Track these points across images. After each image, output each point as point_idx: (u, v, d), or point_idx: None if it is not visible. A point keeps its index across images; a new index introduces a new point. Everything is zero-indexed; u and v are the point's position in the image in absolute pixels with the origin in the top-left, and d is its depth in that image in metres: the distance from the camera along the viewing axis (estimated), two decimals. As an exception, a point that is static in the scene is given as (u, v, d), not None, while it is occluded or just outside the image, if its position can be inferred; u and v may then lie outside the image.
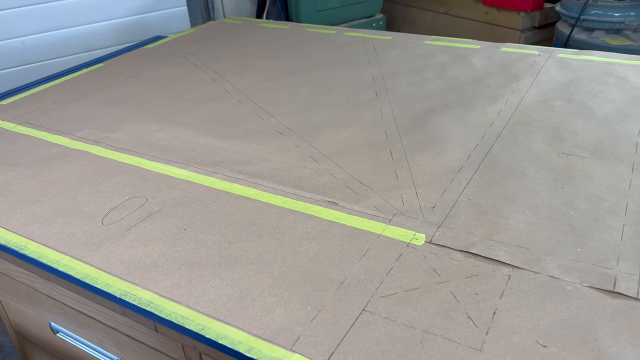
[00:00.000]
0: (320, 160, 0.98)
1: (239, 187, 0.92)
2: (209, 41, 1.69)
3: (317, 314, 0.64)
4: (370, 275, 0.70)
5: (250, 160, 1.00)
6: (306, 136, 1.08)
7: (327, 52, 1.53)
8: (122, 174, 0.97)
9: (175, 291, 0.70)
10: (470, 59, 1.41)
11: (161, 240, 0.79)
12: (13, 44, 2.11)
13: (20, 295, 1.14)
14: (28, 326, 1.23)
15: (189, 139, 1.09)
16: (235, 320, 0.65)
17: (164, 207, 0.87)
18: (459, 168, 0.93)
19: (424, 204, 0.84)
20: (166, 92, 1.32)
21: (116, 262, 0.75)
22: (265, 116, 1.17)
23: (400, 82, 1.30)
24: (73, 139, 1.11)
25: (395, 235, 0.77)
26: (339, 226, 0.80)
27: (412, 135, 1.05)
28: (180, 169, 0.98)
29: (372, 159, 0.98)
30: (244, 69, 1.44)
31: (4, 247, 0.82)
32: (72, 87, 1.39)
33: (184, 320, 0.65)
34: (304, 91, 1.28)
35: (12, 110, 1.27)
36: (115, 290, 0.71)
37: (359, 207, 0.84)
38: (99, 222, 0.84)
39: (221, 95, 1.29)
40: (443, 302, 0.65)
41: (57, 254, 0.78)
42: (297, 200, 0.87)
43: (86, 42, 2.26)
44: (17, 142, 1.11)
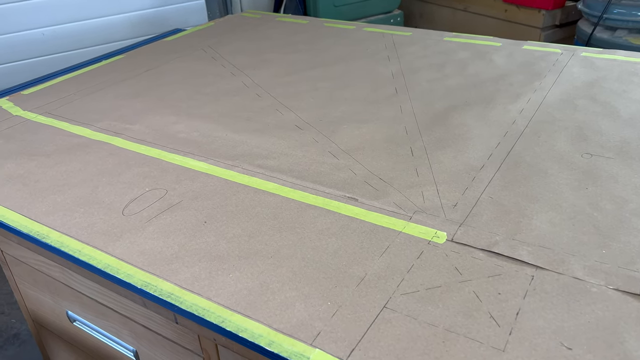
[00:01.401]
0: (340, 156, 0.98)
1: (258, 181, 0.92)
2: (228, 35, 1.69)
3: (337, 310, 0.64)
4: (390, 272, 0.69)
5: (269, 154, 1.00)
6: (325, 131, 1.07)
7: (346, 47, 1.52)
8: (142, 166, 0.97)
9: (195, 283, 0.70)
10: (491, 56, 1.40)
11: (181, 232, 0.80)
12: (33, 35, 2.13)
13: (38, 284, 1.16)
14: (45, 314, 1.24)
15: (208, 132, 1.09)
16: (255, 313, 0.64)
17: (183, 199, 0.87)
18: (481, 166, 0.92)
19: (445, 201, 0.83)
20: (185, 84, 1.33)
21: (137, 253, 0.76)
22: (284, 110, 1.17)
23: (420, 78, 1.29)
24: (93, 129, 1.12)
25: (416, 233, 0.76)
26: (358, 222, 0.80)
27: (433, 132, 1.04)
28: (199, 161, 0.98)
29: (392, 155, 0.97)
30: (262, 63, 1.44)
31: (26, 235, 0.82)
32: (92, 78, 1.39)
33: (204, 313, 0.65)
34: (322, 86, 1.28)
35: (34, 100, 1.28)
36: (136, 281, 0.71)
37: (379, 204, 0.83)
38: (119, 212, 0.85)
39: (240, 89, 1.29)
40: (465, 301, 0.65)
41: (79, 244, 0.78)
42: (316, 196, 0.87)
43: (104, 34, 2.27)
44: (39, 132, 1.12)
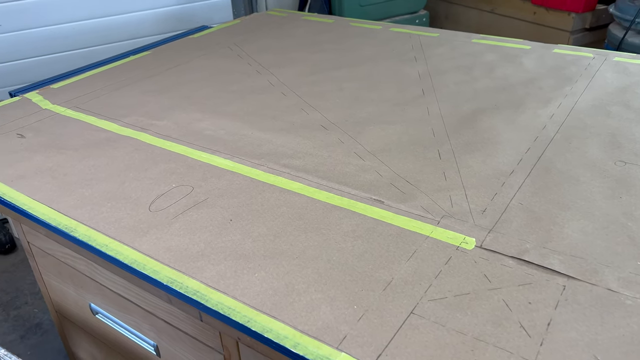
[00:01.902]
0: (366, 157, 0.97)
1: (283, 181, 0.91)
2: (254, 33, 1.70)
3: (363, 314, 0.63)
4: (418, 278, 0.68)
5: (295, 153, 0.99)
6: (351, 132, 1.06)
7: (373, 47, 1.51)
8: (169, 162, 0.98)
9: (221, 281, 0.70)
10: (520, 60, 1.37)
11: (207, 230, 0.80)
12: (62, 29, 2.16)
13: (62, 276, 1.17)
14: (68, 306, 1.26)
15: (234, 129, 1.09)
16: (280, 314, 0.64)
17: (209, 197, 0.87)
18: (510, 171, 0.90)
19: (474, 207, 0.82)
20: (211, 82, 1.33)
21: (163, 250, 0.76)
22: (310, 110, 1.16)
23: (447, 80, 1.27)
24: (121, 124, 1.13)
25: (443, 238, 0.75)
26: (385, 225, 0.79)
27: (461, 135, 1.02)
28: (225, 159, 0.98)
29: (419, 158, 0.96)
30: (288, 62, 1.44)
31: (54, 228, 0.83)
32: (119, 74, 1.41)
33: (229, 312, 0.65)
34: (348, 86, 1.27)
35: (62, 94, 1.30)
36: (162, 278, 0.71)
37: (405, 207, 0.82)
38: (146, 208, 0.85)
39: (265, 88, 1.29)
40: (494, 310, 0.63)
41: (106, 238, 0.79)
42: (341, 197, 0.86)
43: (130, 29, 2.29)
44: (67, 125, 1.14)
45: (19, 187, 0.93)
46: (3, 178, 0.96)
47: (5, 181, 0.95)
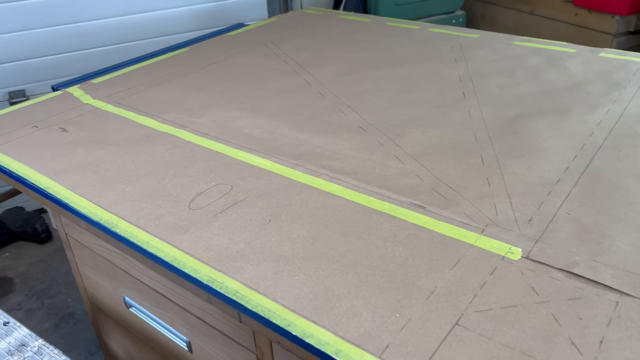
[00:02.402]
0: (406, 160, 0.95)
1: (321, 182, 0.90)
2: (290, 31, 1.69)
3: (406, 323, 0.62)
4: (462, 287, 0.67)
5: (333, 155, 0.98)
6: (390, 134, 1.05)
7: (411, 47, 1.49)
8: (208, 160, 0.98)
9: (261, 283, 0.69)
10: (565, 63, 1.33)
11: (246, 230, 0.79)
12: (98, 25, 2.19)
13: (98, 268, 1.19)
14: (103, 298, 1.27)
15: (271, 129, 1.09)
16: (321, 319, 0.63)
17: (248, 197, 0.87)
18: (557, 180, 0.87)
19: (519, 215, 0.79)
20: (248, 80, 1.33)
21: (203, 248, 0.76)
22: (347, 111, 1.15)
23: (489, 83, 1.24)
24: (160, 121, 1.14)
25: (488, 247, 0.73)
26: (426, 232, 0.77)
27: (504, 140, 1.00)
28: (263, 158, 0.98)
29: (461, 162, 0.93)
30: (325, 61, 1.43)
31: (96, 223, 0.84)
32: (158, 70, 1.42)
33: (269, 314, 0.64)
34: (387, 87, 1.25)
35: (103, 89, 1.31)
36: (202, 277, 0.71)
37: (448, 213, 0.80)
38: (185, 206, 0.85)
39: (302, 87, 1.28)
40: (543, 324, 0.61)
41: (147, 235, 0.79)
42: (381, 201, 0.84)
43: (166, 26, 2.31)
44: (108, 120, 1.15)
45: (61, 181, 0.94)
46: (46, 171, 0.97)
47: (48, 174, 0.96)
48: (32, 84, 2.15)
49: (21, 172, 0.98)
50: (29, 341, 1.04)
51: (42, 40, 2.09)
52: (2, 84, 2.08)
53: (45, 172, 0.97)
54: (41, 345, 1.03)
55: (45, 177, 0.96)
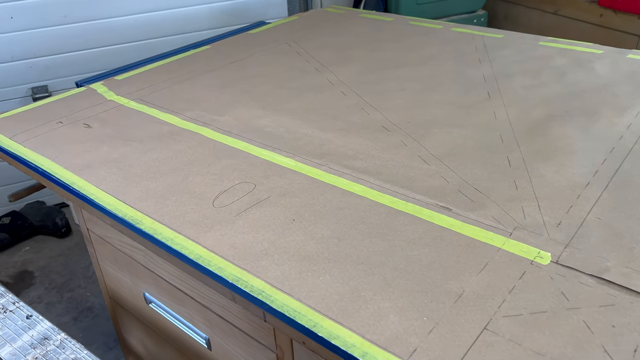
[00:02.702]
0: (430, 161, 0.94)
1: (345, 182, 0.90)
2: (311, 29, 1.68)
3: (434, 327, 0.61)
4: (491, 292, 0.65)
5: (356, 155, 0.97)
6: (414, 134, 1.04)
7: (434, 47, 1.47)
8: (231, 158, 0.98)
9: (286, 282, 0.69)
10: (592, 65, 1.30)
11: (270, 229, 0.79)
12: (120, 22, 2.21)
13: (119, 263, 1.20)
14: (123, 293, 1.28)
15: (294, 128, 1.08)
16: (347, 321, 0.62)
17: (272, 195, 0.87)
18: (586, 183, 0.85)
19: (548, 219, 0.78)
20: (271, 78, 1.33)
21: (227, 246, 0.76)
22: (370, 110, 1.14)
23: (514, 84, 1.22)
24: (183, 118, 1.14)
25: (516, 251, 0.72)
26: (453, 234, 0.76)
27: (531, 142, 0.98)
28: (286, 157, 0.98)
29: (487, 164, 0.92)
30: (347, 60, 1.42)
31: (120, 219, 0.84)
32: (180, 68, 1.42)
33: (295, 314, 0.64)
34: (410, 86, 1.24)
35: (126, 86, 1.32)
36: (227, 275, 0.71)
37: (475, 216, 0.79)
38: (209, 203, 0.85)
39: (325, 86, 1.27)
40: (574, 331, 0.60)
41: (171, 232, 0.79)
42: (406, 202, 0.83)
43: (185, 23, 2.32)
44: (132, 117, 1.16)
45: (86, 177, 0.95)
46: (71, 167, 0.98)
47: (73, 170, 0.97)
48: (54, 80, 2.17)
49: (46, 167, 0.99)
50: (52, 335, 1.05)
51: (63, 37, 2.11)
52: (25, 80, 2.11)
53: (70, 168, 0.98)
54: (63, 339, 1.04)
55: (70, 172, 0.96)
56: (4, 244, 2.14)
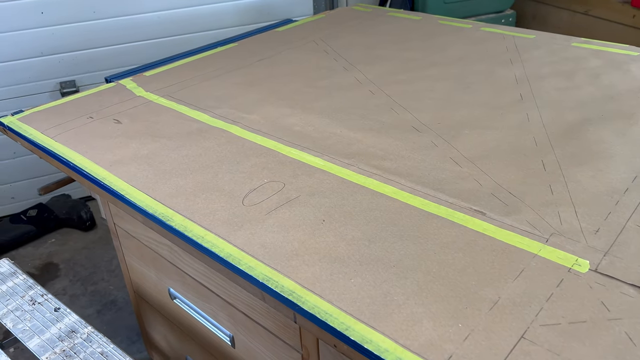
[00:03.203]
0: (462, 163, 0.92)
1: (375, 183, 0.88)
2: (339, 28, 1.67)
3: (469, 334, 0.60)
4: (527, 299, 0.64)
5: (386, 155, 0.96)
6: (445, 135, 1.02)
7: (464, 46, 1.45)
8: (260, 156, 0.97)
9: (317, 284, 0.68)
10: (627, 66, 1.27)
11: (300, 229, 0.78)
12: (147, 18, 2.23)
13: (145, 259, 1.20)
14: (148, 288, 1.29)
15: (322, 127, 1.07)
16: (380, 325, 0.61)
17: (301, 195, 0.86)
18: (625, 189, 0.83)
19: (586, 225, 0.75)
20: (298, 77, 1.32)
21: (257, 245, 0.75)
22: (400, 110, 1.13)
23: (547, 85, 1.19)
24: (211, 115, 1.14)
25: (553, 258, 0.70)
26: (487, 239, 0.74)
27: (566, 146, 0.95)
28: (315, 157, 0.97)
29: (521, 167, 0.90)
30: (375, 59, 1.40)
31: (151, 215, 0.85)
32: (208, 65, 1.43)
33: (327, 317, 0.63)
34: (440, 87, 1.22)
35: (155, 82, 1.33)
36: (257, 274, 0.70)
37: (509, 221, 0.77)
38: (239, 202, 0.85)
39: (353, 85, 1.26)
40: (616, 343, 0.58)
41: (202, 230, 0.79)
42: (438, 204, 0.82)
43: (212, 20, 2.33)
44: (161, 113, 1.16)
45: (117, 172, 0.95)
46: (102, 162, 0.99)
47: (104, 165, 0.98)
48: (82, 75, 2.20)
49: (78, 162, 1.00)
50: (79, 328, 1.07)
51: (92, 33, 2.14)
52: (54, 75, 2.14)
53: (101, 163, 0.98)
54: (90, 332, 1.05)
55: (100, 167, 0.97)
56: (31, 235, 2.18)
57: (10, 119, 1.19)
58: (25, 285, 1.17)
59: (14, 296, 1.14)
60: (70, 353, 1.00)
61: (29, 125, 1.14)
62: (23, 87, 2.11)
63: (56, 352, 1.00)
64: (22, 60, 2.07)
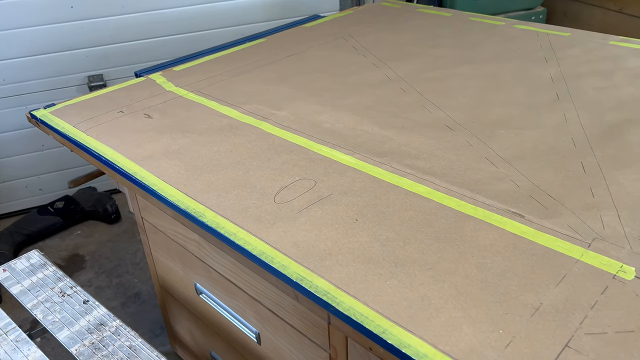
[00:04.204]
0: (498, 164, 0.90)
1: (408, 182, 0.87)
2: (367, 24, 1.65)
3: (511, 341, 0.58)
4: (570, 306, 0.62)
5: (419, 154, 0.94)
6: (480, 134, 0.99)
7: (496, 44, 1.42)
8: (290, 153, 0.96)
9: (351, 285, 0.67)
10: (669, 66, 1.22)
11: (333, 228, 0.77)
12: (174, 13, 2.24)
13: (171, 253, 1.21)
14: (174, 282, 1.29)
15: (353, 124, 1.06)
16: (418, 329, 0.60)
17: (333, 193, 0.85)
18: (670, 194, 0.80)
19: (630, 230, 0.73)
20: (328, 73, 1.31)
21: (290, 244, 0.74)
22: (432, 108, 1.11)
23: (584, 85, 1.16)
24: (241, 112, 1.13)
25: (596, 264, 0.67)
26: (526, 242, 0.72)
27: (607, 147, 0.92)
28: (346, 155, 0.95)
29: (559, 169, 0.87)
30: (405, 56, 1.38)
31: (183, 211, 0.84)
32: (237, 60, 1.42)
33: (362, 319, 0.62)
34: (473, 85, 1.19)
35: (184, 77, 1.33)
36: (291, 273, 0.69)
37: (549, 224, 0.75)
38: (271, 199, 0.84)
39: (383, 82, 1.24)
40: (667, 355, 0.55)
41: (234, 226, 0.78)
42: (475, 206, 0.80)
43: (239, 15, 2.33)
44: (191, 109, 1.16)
45: (148, 167, 0.95)
46: (133, 157, 0.99)
47: (135, 160, 0.98)
48: (110, 69, 2.22)
49: (109, 156, 1.00)
50: (107, 321, 1.07)
51: (120, 27, 2.15)
52: (82, 69, 2.16)
53: (133, 158, 0.99)
54: (119, 325, 1.06)
55: (132, 162, 0.97)
56: (58, 227, 2.21)
57: (42, 112, 1.20)
58: (55, 277, 1.18)
59: (44, 287, 1.15)
60: (99, 346, 1.00)
61: (61, 119, 1.15)
62: (51, 80, 2.14)
63: (85, 345, 1.01)
64: (51, 54, 2.10)
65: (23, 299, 1.12)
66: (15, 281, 1.16)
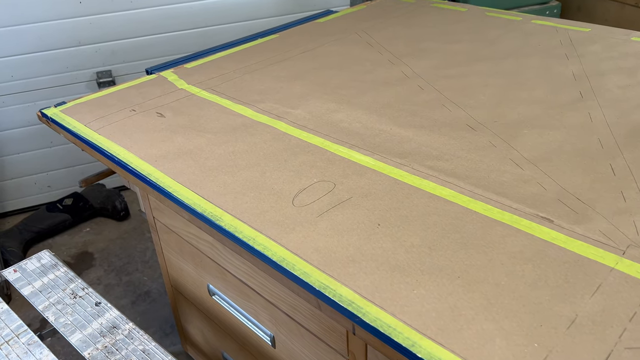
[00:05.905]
0: (524, 165, 0.87)
1: (431, 185, 0.84)
2: (381, 19, 1.62)
3: (547, 355, 0.55)
4: (607, 318, 0.59)
5: (441, 155, 0.92)
6: (503, 134, 0.96)
7: (515, 40, 1.38)
8: (308, 154, 0.94)
9: (376, 294, 0.64)
10: (695, 63, 1.19)
11: (355, 233, 0.74)
12: (183, 8, 2.21)
13: (184, 253, 1.19)
14: (186, 283, 1.27)
15: (370, 123, 1.03)
16: (448, 342, 0.57)
17: (353, 196, 0.82)
18: None
19: (666, 237, 0.70)
20: (343, 70, 1.28)
21: (311, 250, 0.72)
22: (452, 106, 1.08)
23: (608, 83, 1.12)
24: (256, 110, 1.11)
25: (633, 272, 0.65)
26: (557, 249, 0.69)
27: (635, 148, 0.89)
28: (365, 155, 0.93)
29: (587, 171, 0.84)
30: (421, 52, 1.35)
31: (200, 215, 0.82)
32: (249, 57, 1.39)
33: (390, 331, 0.60)
34: (493, 82, 1.16)
35: (196, 74, 1.30)
36: (313, 281, 0.67)
37: (581, 230, 0.72)
38: (289, 202, 0.82)
39: (400, 79, 1.21)
40: None
41: (252, 231, 0.76)
42: (501, 210, 0.77)
43: (249, 10, 2.30)
44: (204, 107, 1.13)
45: (162, 168, 0.93)
46: (147, 157, 0.97)
47: (149, 160, 0.96)
48: (119, 65, 2.20)
49: (122, 157, 0.98)
50: (120, 324, 1.05)
51: (129, 23, 2.13)
52: (91, 65, 2.14)
53: (146, 158, 0.96)
54: (131, 328, 1.04)
55: (146, 162, 0.95)
56: (67, 224, 2.20)
57: (53, 110, 1.18)
58: (66, 277, 1.16)
59: (55, 289, 1.13)
60: (112, 349, 0.98)
61: (72, 118, 1.13)
62: (60, 76, 2.12)
63: (98, 348, 0.99)
64: (59, 50, 2.07)
65: (34, 300, 1.10)
66: (26, 282, 1.15)
